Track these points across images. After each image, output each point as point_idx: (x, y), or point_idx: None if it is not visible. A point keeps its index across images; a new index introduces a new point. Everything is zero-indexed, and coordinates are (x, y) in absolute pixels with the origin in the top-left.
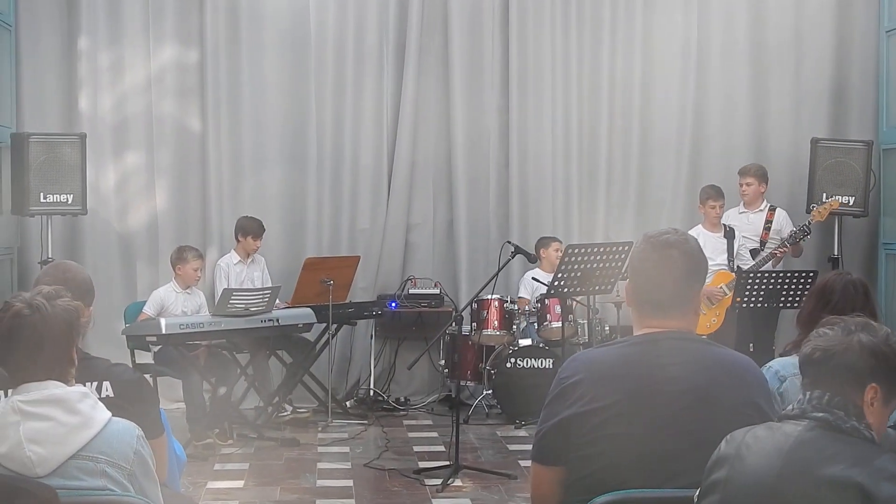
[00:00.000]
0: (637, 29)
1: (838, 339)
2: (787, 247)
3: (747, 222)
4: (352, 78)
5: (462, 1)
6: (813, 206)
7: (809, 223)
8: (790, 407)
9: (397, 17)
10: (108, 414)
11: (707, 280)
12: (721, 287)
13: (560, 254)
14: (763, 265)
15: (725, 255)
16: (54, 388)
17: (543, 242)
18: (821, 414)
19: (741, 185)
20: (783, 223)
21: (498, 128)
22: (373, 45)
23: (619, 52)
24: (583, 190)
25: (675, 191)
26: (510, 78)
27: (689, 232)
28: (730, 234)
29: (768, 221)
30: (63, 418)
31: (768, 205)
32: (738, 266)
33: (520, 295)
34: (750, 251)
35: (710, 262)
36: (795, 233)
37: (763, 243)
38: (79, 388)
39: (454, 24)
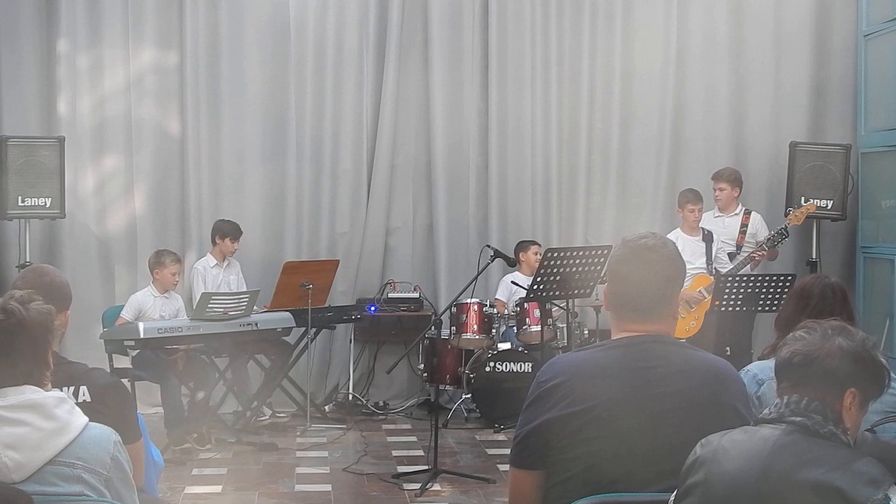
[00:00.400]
0: (617, 34)
1: (818, 344)
2: (764, 250)
3: (723, 226)
4: (332, 81)
5: (442, 6)
6: (790, 210)
7: (786, 226)
8: (767, 411)
9: (377, 21)
10: (85, 419)
11: (686, 284)
12: (700, 291)
13: (539, 257)
14: (741, 269)
15: (704, 259)
16: (31, 393)
17: (522, 246)
18: (799, 418)
19: (714, 190)
20: (758, 227)
21: (477, 131)
22: (352, 48)
23: (599, 57)
24: (562, 193)
25: (655, 194)
26: (490, 81)
27: (668, 235)
28: (708, 237)
29: (744, 225)
30: (40, 423)
31: (743, 209)
32: (716, 269)
33: (497, 297)
34: (727, 255)
35: (688, 266)
36: (773, 236)
37: (739, 247)
38: (56, 393)
39: (434, 29)
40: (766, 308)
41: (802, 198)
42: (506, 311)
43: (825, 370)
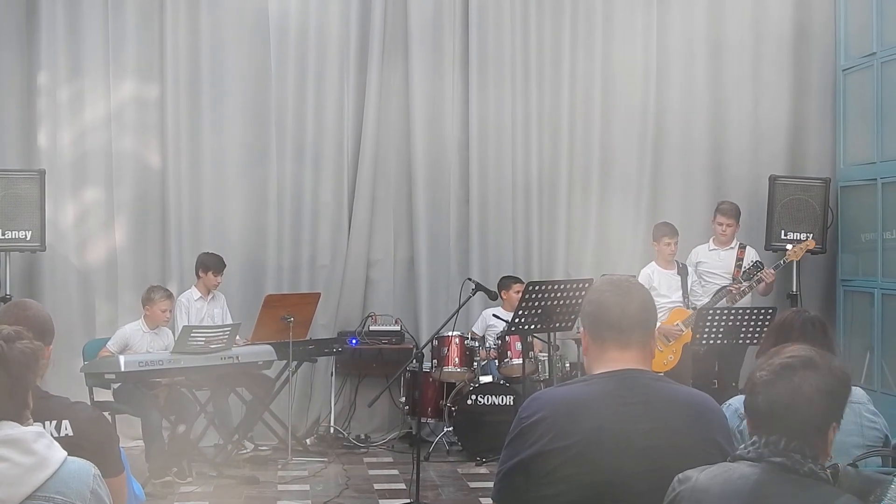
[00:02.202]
0: (596, 71)
1: (788, 389)
2: (741, 283)
3: (718, 259)
4: (312, 115)
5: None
6: (788, 246)
7: (784, 262)
8: (744, 448)
9: (358, 51)
10: (64, 453)
11: (663, 317)
12: (678, 324)
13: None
14: (717, 302)
15: (680, 292)
16: (9, 428)
17: (504, 284)
18: (779, 459)
19: (721, 225)
20: (753, 260)
21: (458, 164)
22: (333, 80)
23: (579, 95)
24: (543, 226)
25: (636, 228)
26: (470, 115)
27: (643, 269)
28: (683, 270)
29: (739, 259)
30: (18, 459)
31: (738, 242)
32: (694, 304)
33: (472, 329)
34: (721, 288)
35: (665, 300)
36: (748, 270)
37: (735, 280)
38: (34, 428)
39: (414, 60)
40: (748, 341)
41: (782, 231)
42: (487, 345)
43: (807, 419)
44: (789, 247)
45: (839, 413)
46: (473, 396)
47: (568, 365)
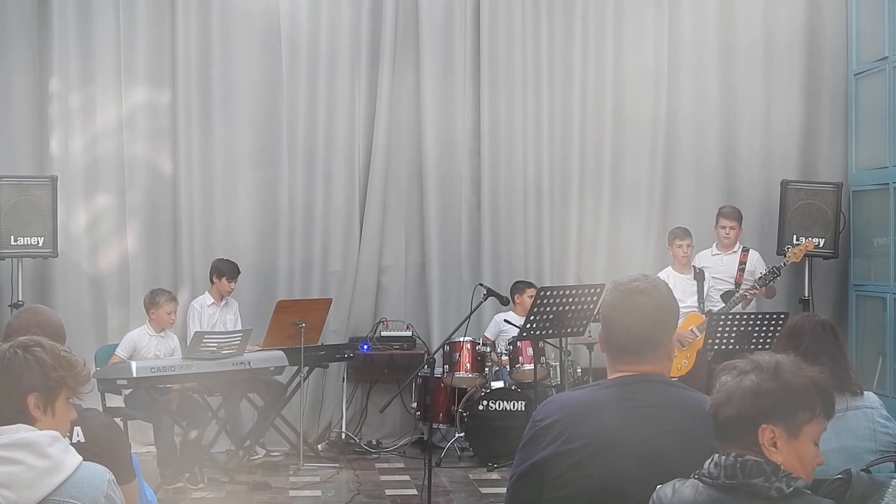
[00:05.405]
0: (607, 76)
1: (725, 391)
2: (757, 288)
3: (721, 264)
4: (323, 120)
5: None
6: (787, 248)
7: (784, 264)
8: (708, 462)
9: (369, 57)
10: (79, 458)
11: (679, 322)
12: (691, 329)
13: None
14: (734, 307)
15: (696, 297)
16: (24, 431)
17: (518, 288)
18: (756, 480)
19: (724, 228)
20: (756, 264)
21: (469, 169)
22: (344, 86)
23: (590, 100)
24: (554, 232)
25: (647, 233)
26: (482, 120)
27: (659, 274)
28: (699, 275)
29: (742, 263)
30: (33, 462)
31: (741, 246)
32: (709, 309)
33: (485, 333)
34: (724, 293)
35: (680, 304)
36: (766, 275)
37: (738, 285)
38: (49, 431)
39: (425, 65)
40: (759, 346)
41: (794, 236)
42: (498, 351)
43: (731, 418)
44: (788, 247)
45: (774, 416)
46: (485, 402)
47: (580, 370)
